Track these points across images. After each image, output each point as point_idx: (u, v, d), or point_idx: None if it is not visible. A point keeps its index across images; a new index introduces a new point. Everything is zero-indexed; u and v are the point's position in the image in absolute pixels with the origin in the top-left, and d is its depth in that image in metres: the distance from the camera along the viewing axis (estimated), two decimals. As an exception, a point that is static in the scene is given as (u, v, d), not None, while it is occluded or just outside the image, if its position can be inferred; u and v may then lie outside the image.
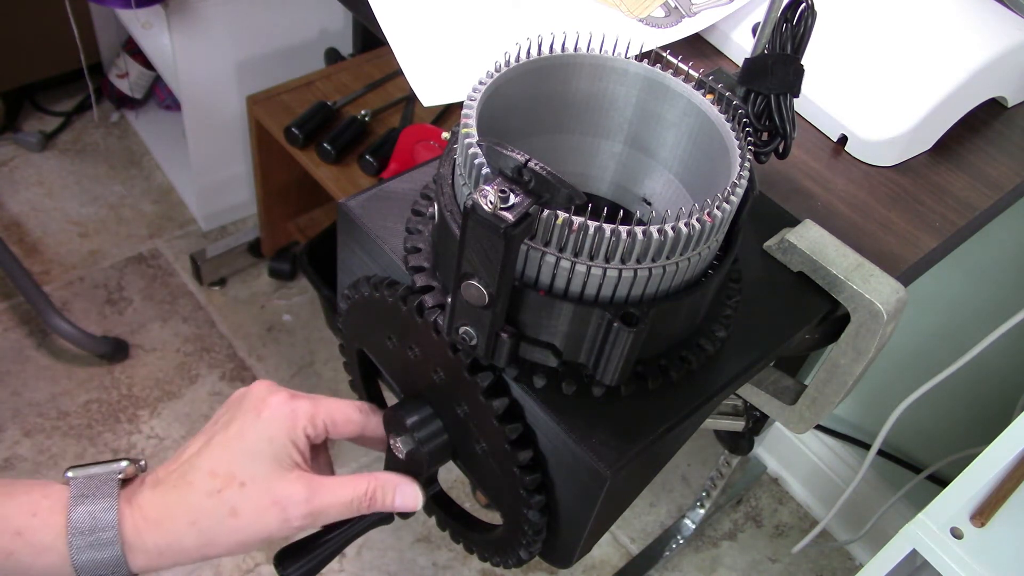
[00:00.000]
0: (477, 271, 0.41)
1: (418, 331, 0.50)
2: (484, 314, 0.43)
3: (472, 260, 0.41)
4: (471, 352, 0.46)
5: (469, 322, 0.44)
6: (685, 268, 0.44)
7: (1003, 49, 0.76)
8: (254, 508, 0.50)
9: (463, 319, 0.44)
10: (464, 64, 0.76)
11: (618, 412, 0.47)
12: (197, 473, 0.51)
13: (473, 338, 0.45)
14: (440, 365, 0.50)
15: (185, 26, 1.47)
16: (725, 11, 0.81)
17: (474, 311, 0.43)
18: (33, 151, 1.90)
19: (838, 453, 1.52)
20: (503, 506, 0.54)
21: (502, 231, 0.38)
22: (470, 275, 0.42)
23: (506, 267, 0.40)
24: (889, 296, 0.54)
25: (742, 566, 1.53)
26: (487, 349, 0.45)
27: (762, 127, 0.59)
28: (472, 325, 0.44)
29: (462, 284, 0.42)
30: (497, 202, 0.39)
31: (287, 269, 1.76)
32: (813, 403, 0.62)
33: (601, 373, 0.46)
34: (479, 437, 0.51)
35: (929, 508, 0.76)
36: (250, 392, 0.54)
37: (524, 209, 0.39)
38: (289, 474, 0.51)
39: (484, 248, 0.40)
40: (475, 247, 0.40)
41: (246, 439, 0.52)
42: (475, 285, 0.42)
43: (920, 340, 1.31)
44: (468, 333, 0.45)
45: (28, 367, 1.58)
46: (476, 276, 0.41)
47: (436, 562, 1.45)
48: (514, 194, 0.39)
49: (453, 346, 0.47)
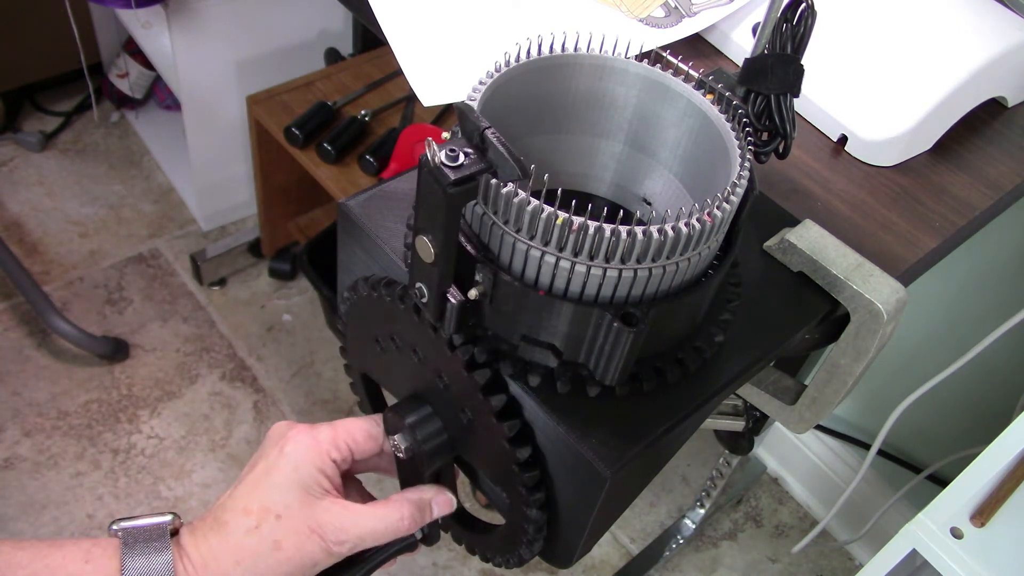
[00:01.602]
0: (428, 228, 0.42)
1: (415, 329, 0.50)
2: (432, 272, 0.44)
3: (424, 216, 0.42)
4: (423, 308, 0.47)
5: (422, 279, 0.45)
6: (685, 268, 0.44)
7: (1003, 49, 0.76)
8: (295, 538, 0.50)
9: (418, 275, 0.46)
10: (464, 64, 0.76)
11: (618, 412, 0.47)
12: (231, 514, 0.51)
13: (424, 296, 0.46)
14: (438, 364, 0.50)
15: (185, 26, 1.47)
16: (725, 11, 0.81)
17: (425, 268, 0.44)
18: (33, 151, 1.90)
19: (838, 453, 1.52)
20: (502, 505, 0.54)
21: (443, 187, 0.39)
22: (424, 231, 0.43)
23: (448, 224, 0.41)
24: (889, 296, 0.54)
25: (742, 566, 1.53)
26: (436, 311, 0.46)
27: (762, 127, 0.59)
28: (423, 282, 0.45)
29: (416, 239, 0.43)
30: (443, 159, 0.40)
31: (287, 269, 1.76)
32: (813, 403, 0.62)
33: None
34: (478, 436, 0.51)
35: (929, 508, 0.76)
36: (270, 434, 0.55)
37: (469, 171, 0.40)
38: (322, 501, 0.51)
39: (432, 204, 0.41)
40: (425, 203, 0.42)
41: (273, 474, 0.52)
42: (424, 240, 0.43)
43: (920, 340, 1.31)
44: (420, 290, 0.46)
45: (28, 367, 1.58)
46: (427, 233, 0.42)
47: (436, 562, 1.45)
48: (467, 156, 0.40)
49: (451, 343, 0.47)
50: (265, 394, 1.60)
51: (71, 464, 1.47)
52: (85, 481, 1.45)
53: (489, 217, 0.43)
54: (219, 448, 1.51)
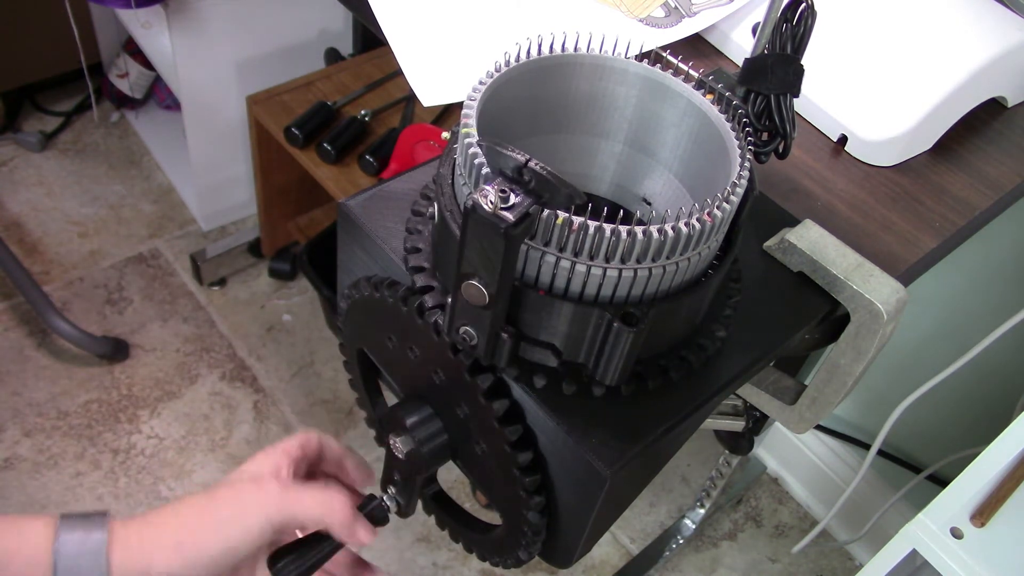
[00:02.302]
0: (477, 271, 0.41)
1: (418, 332, 0.50)
2: (484, 314, 0.43)
3: (472, 260, 0.41)
4: (471, 353, 0.46)
5: (469, 322, 0.44)
6: (685, 268, 0.44)
7: (1003, 49, 0.76)
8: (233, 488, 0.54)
9: (463, 319, 0.44)
10: (464, 64, 0.76)
11: (618, 412, 0.47)
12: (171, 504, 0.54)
13: (473, 338, 0.45)
14: (440, 366, 0.50)
15: (185, 26, 1.47)
16: (725, 11, 0.81)
17: (474, 311, 0.43)
18: (33, 151, 1.90)
19: (838, 453, 1.52)
20: (502, 506, 0.54)
21: (502, 231, 0.38)
22: (470, 275, 0.41)
23: (506, 267, 0.40)
24: (889, 296, 0.54)
25: (742, 566, 1.53)
26: (487, 349, 0.45)
27: (762, 127, 0.59)
28: (472, 325, 0.44)
29: (462, 284, 0.42)
30: (497, 202, 0.38)
31: (287, 269, 1.76)
32: (813, 403, 0.62)
33: (601, 373, 0.46)
34: (479, 438, 0.51)
35: (929, 508, 0.76)
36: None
37: (524, 209, 0.39)
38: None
39: (484, 248, 0.40)
40: (475, 247, 0.40)
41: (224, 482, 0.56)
42: (475, 285, 0.41)
43: (920, 340, 1.31)
44: (468, 333, 0.45)
45: (28, 367, 1.58)
46: (476, 276, 0.41)
47: (436, 562, 1.45)
48: (514, 194, 0.39)
49: (454, 347, 0.47)
50: (265, 394, 1.60)
51: (71, 464, 1.47)
52: (85, 481, 1.45)
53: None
54: (219, 448, 1.51)
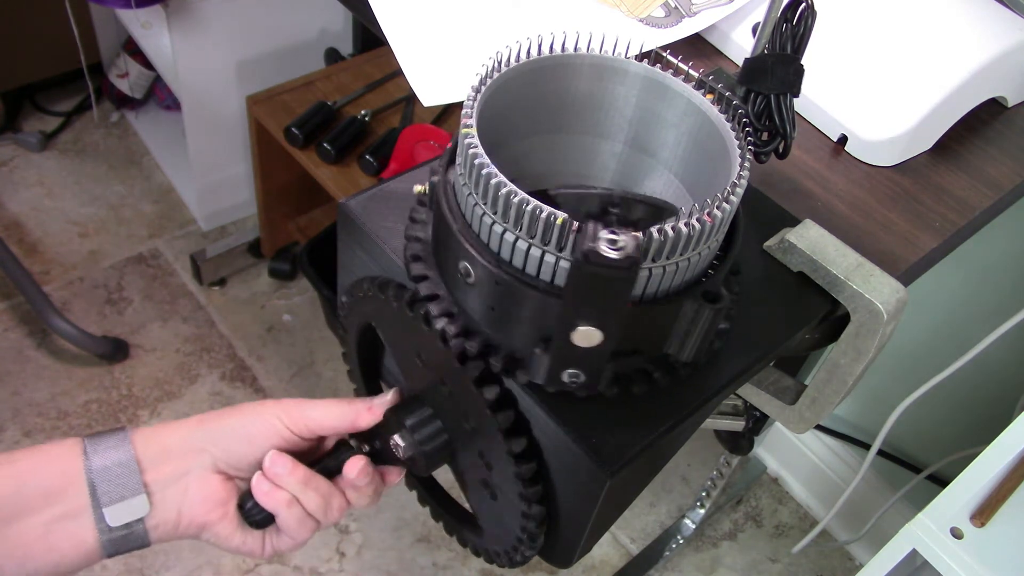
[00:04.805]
0: (587, 316, 0.40)
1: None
2: (594, 353, 0.42)
3: (586, 309, 0.40)
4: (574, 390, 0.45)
5: (575, 364, 0.43)
6: (685, 268, 0.44)
7: (1003, 49, 0.76)
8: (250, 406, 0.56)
9: (568, 363, 0.43)
10: (464, 64, 0.76)
11: (618, 412, 0.47)
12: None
13: (580, 377, 0.44)
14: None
15: (185, 26, 1.47)
16: (725, 11, 0.81)
17: (581, 352, 0.42)
18: (33, 151, 1.90)
19: (838, 453, 1.52)
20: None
21: (627, 272, 0.38)
22: (582, 322, 0.41)
23: (621, 304, 0.40)
24: (889, 296, 0.54)
25: (742, 566, 1.53)
26: (593, 382, 0.44)
27: (762, 127, 0.59)
28: (578, 366, 0.43)
29: (571, 332, 0.41)
30: (608, 248, 0.38)
31: (287, 269, 1.76)
32: (813, 403, 0.62)
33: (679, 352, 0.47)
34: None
35: (929, 508, 0.76)
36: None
37: (635, 243, 0.38)
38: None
39: (599, 292, 0.39)
40: (590, 297, 0.39)
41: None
42: (587, 330, 0.41)
43: (920, 340, 1.31)
44: (574, 375, 0.44)
45: (28, 367, 1.58)
46: (586, 321, 0.40)
47: (436, 562, 1.45)
48: (617, 233, 0.38)
49: (460, 356, 0.47)
50: (265, 394, 1.60)
51: (71, 464, 1.47)
52: (85, 481, 1.45)
53: (489, 217, 0.43)
54: (219, 448, 1.51)
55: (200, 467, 0.55)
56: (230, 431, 0.56)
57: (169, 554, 1.39)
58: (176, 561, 1.38)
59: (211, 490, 0.55)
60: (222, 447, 0.55)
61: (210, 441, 0.55)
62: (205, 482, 0.55)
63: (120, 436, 0.53)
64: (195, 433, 0.55)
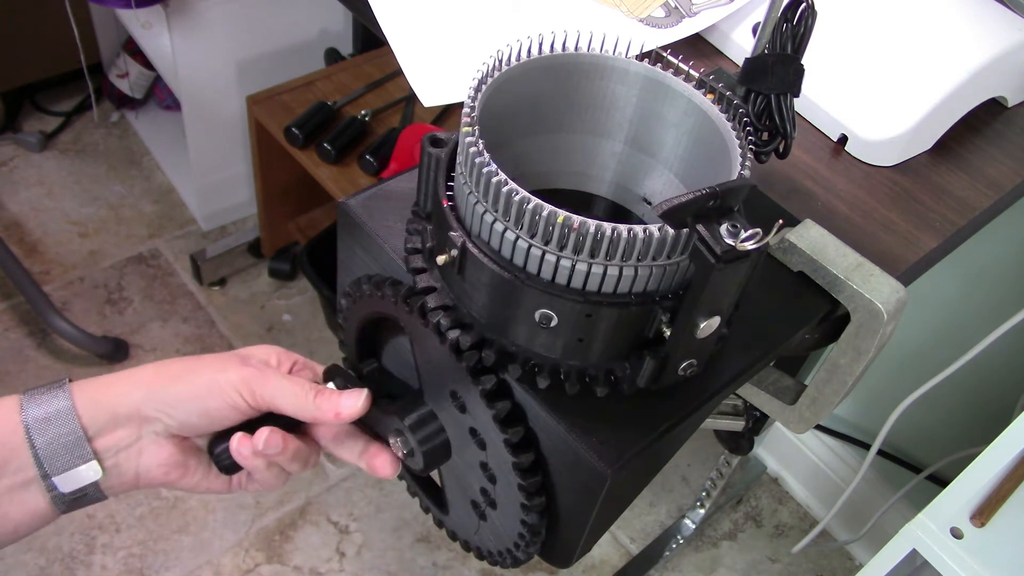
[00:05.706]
0: (714, 306, 0.42)
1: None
2: (709, 340, 0.43)
3: (714, 301, 0.42)
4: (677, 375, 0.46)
5: (693, 355, 0.45)
6: (686, 267, 0.44)
7: (1003, 49, 0.76)
8: (219, 357, 0.54)
9: (688, 354, 0.45)
10: (464, 64, 0.76)
11: (618, 412, 0.47)
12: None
13: (694, 367, 0.46)
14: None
15: (185, 26, 1.47)
16: (725, 11, 0.81)
17: (696, 343, 0.44)
18: (33, 151, 1.90)
19: (838, 453, 1.52)
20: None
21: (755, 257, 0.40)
22: (707, 314, 0.42)
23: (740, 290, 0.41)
24: (889, 296, 0.54)
25: (742, 566, 1.53)
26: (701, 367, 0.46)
27: (762, 127, 0.59)
28: (695, 356, 0.45)
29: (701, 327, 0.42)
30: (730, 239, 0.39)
31: (287, 269, 1.76)
32: (813, 403, 0.62)
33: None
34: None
35: (929, 508, 0.76)
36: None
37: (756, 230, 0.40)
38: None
39: (729, 282, 0.41)
40: (719, 289, 0.41)
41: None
42: (712, 321, 0.42)
43: (920, 340, 1.31)
44: (692, 365, 0.45)
45: (28, 367, 1.58)
46: (715, 313, 0.42)
47: (436, 562, 1.45)
48: (736, 226, 0.40)
49: (456, 349, 0.47)
50: (265, 394, 1.60)
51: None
52: (85, 481, 1.45)
53: (491, 215, 0.43)
54: (219, 448, 1.51)
55: (153, 433, 0.53)
56: (186, 402, 0.53)
57: (169, 554, 1.39)
58: (176, 561, 1.38)
59: (167, 454, 0.54)
60: (177, 418, 0.53)
61: (163, 411, 0.53)
62: (160, 448, 0.53)
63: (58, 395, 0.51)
64: (147, 401, 0.53)
